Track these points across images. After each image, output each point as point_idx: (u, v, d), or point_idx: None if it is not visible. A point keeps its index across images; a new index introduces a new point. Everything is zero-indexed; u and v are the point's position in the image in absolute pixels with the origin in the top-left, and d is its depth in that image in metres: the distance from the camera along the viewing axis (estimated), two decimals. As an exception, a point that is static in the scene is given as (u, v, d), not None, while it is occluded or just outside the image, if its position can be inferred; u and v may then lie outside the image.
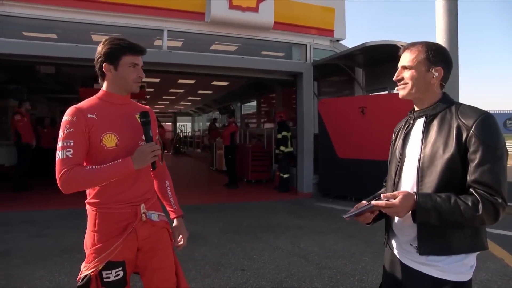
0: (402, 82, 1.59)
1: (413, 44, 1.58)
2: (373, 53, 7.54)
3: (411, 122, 1.63)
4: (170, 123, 30.20)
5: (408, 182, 1.56)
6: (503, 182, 1.39)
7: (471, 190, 1.40)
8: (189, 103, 22.48)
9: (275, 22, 7.89)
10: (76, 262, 1.82)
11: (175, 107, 25.40)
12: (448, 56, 1.56)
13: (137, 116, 1.79)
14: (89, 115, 1.67)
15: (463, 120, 1.44)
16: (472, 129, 1.40)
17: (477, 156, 1.38)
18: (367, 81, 9.01)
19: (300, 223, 5.99)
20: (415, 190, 1.50)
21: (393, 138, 1.74)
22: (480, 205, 1.36)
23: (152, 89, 15.26)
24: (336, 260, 4.34)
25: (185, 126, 29.25)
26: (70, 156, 1.61)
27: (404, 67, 1.58)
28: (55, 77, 10.01)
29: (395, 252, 1.63)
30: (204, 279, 3.77)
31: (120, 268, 1.72)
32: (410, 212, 1.43)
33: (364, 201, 1.58)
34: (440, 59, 1.53)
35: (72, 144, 1.62)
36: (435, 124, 1.51)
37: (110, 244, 1.67)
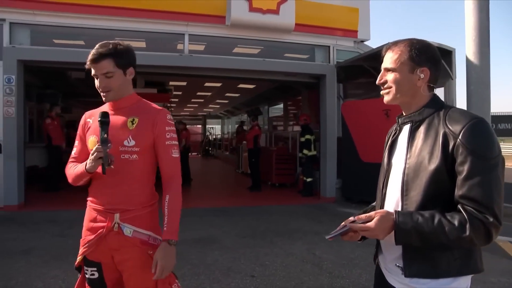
0: (385, 86, 1.45)
1: (396, 43, 1.43)
2: (399, 54, 7.26)
3: (398, 128, 1.51)
4: (200, 126, 30.68)
5: (393, 196, 1.43)
6: (496, 198, 1.21)
7: (459, 207, 1.25)
8: (218, 106, 22.73)
9: (296, 24, 7.79)
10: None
11: (205, 109, 25.77)
12: (435, 54, 1.41)
13: (130, 120, 1.76)
14: (87, 120, 1.84)
15: (450, 127, 1.28)
16: (459, 137, 1.24)
17: (465, 168, 1.22)
18: (393, 82, 8.68)
19: (319, 229, 5.83)
20: (400, 204, 1.38)
21: (385, 144, 1.61)
22: (467, 225, 1.20)
23: (180, 92, 15.55)
24: (351, 269, 4.18)
25: (214, 129, 29.61)
26: (73, 154, 1.87)
27: (387, 69, 1.44)
28: (86, 82, 10.39)
29: (383, 270, 1.51)
30: (212, 285, 3.74)
31: (95, 269, 1.75)
32: (393, 232, 1.30)
33: (351, 218, 1.46)
34: (425, 58, 1.37)
35: (76, 144, 1.88)
36: (421, 131, 1.37)
37: (86, 240, 1.75)
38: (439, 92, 6.81)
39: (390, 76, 1.43)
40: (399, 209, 1.37)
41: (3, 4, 6.57)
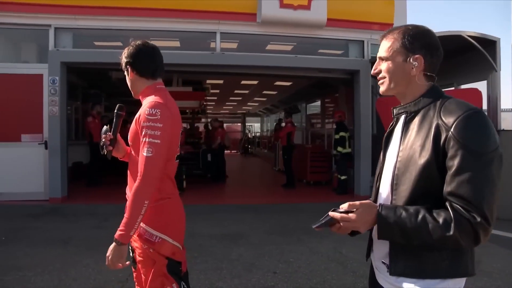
0: (380, 76, 1.39)
1: (391, 31, 1.36)
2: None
3: (394, 120, 1.43)
4: (240, 124, 30.99)
5: (385, 190, 1.36)
6: (487, 196, 1.10)
7: (446, 204, 1.16)
8: (256, 104, 22.83)
9: (329, 19, 7.62)
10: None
11: (244, 108, 25.99)
12: (430, 40, 1.31)
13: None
14: None
15: (443, 118, 1.19)
16: (451, 130, 1.15)
17: (455, 163, 1.13)
18: (433, 76, 8.26)
19: (349, 228, 5.69)
20: (390, 199, 1.31)
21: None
22: (452, 224, 1.11)
23: (217, 91, 15.79)
24: (377, 269, 4.03)
25: (253, 127, 29.74)
26: None
27: (381, 59, 1.37)
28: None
29: (374, 268, 1.44)
30: (233, 279, 3.77)
31: (130, 248, 1.86)
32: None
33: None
34: (419, 45, 1.29)
35: None
36: (415, 123, 1.28)
37: None
38: (482, 85, 6.37)
39: (383, 66, 1.36)
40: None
41: (49, 11, 7.02)
